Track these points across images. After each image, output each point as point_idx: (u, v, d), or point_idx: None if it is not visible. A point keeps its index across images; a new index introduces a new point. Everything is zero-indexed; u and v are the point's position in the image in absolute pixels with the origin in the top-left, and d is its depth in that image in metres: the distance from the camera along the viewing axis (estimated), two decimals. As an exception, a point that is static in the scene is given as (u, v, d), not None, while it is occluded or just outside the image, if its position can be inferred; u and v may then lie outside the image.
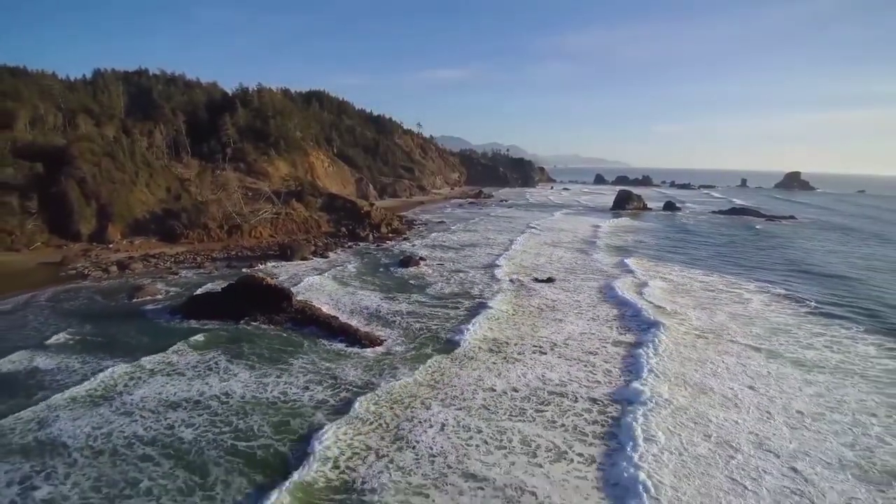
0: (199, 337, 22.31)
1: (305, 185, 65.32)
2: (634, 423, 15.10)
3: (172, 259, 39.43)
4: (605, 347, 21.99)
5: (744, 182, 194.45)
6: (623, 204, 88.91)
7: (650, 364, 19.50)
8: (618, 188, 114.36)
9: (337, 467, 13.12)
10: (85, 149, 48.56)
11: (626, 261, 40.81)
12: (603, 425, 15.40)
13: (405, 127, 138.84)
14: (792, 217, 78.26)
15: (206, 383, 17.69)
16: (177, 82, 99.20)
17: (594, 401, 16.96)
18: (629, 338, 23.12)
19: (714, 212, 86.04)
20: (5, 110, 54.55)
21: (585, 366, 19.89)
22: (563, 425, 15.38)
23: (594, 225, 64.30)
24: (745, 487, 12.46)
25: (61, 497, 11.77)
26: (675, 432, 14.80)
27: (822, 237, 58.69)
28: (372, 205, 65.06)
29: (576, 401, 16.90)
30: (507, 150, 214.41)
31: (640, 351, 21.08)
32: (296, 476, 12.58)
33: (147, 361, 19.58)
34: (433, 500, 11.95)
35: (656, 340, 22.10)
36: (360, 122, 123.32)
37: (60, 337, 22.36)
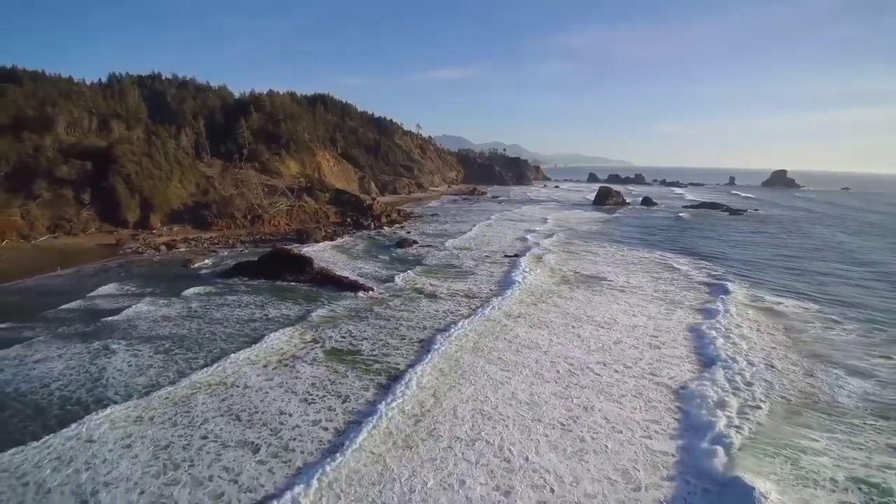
0: (249, 288, 30.66)
1: (314, 181, 73.37)
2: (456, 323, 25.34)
3: (208, 241, 47.59)
4: (483, 290, 31.96)
5: (731, 180, 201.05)
6: (604, 200, 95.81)
7: (494, 303, 28.73)
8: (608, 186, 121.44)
9: (348, 348, 21.57)
10: (127, 150, 56.71)
11: (546, 240, 51.13)
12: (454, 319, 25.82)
13: (405, 128, 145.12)
14: (756, 210, 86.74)
15: (267, 311, 26.25)
16: (188, 86, 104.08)
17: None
18: (500, 286, 32.77)
19: (685, 206, 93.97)
20: (46, 115, 62.29)
21: (467, 302, 29.32)
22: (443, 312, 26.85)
23: (543, 217, 72.38)
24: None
25: (198, 351, 20.23)
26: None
27: (758, 229, 65.66)
28: (374, 198, 73.21)
29: (450, 313, 27.14)
30: (505, 149, 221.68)
31: (501, 293, 31.05)
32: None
33: (217, 300, 28.05)
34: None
35: (522, 285, 32.49)
36: (363, 123, 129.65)
37: (145, 287, 30.63)
